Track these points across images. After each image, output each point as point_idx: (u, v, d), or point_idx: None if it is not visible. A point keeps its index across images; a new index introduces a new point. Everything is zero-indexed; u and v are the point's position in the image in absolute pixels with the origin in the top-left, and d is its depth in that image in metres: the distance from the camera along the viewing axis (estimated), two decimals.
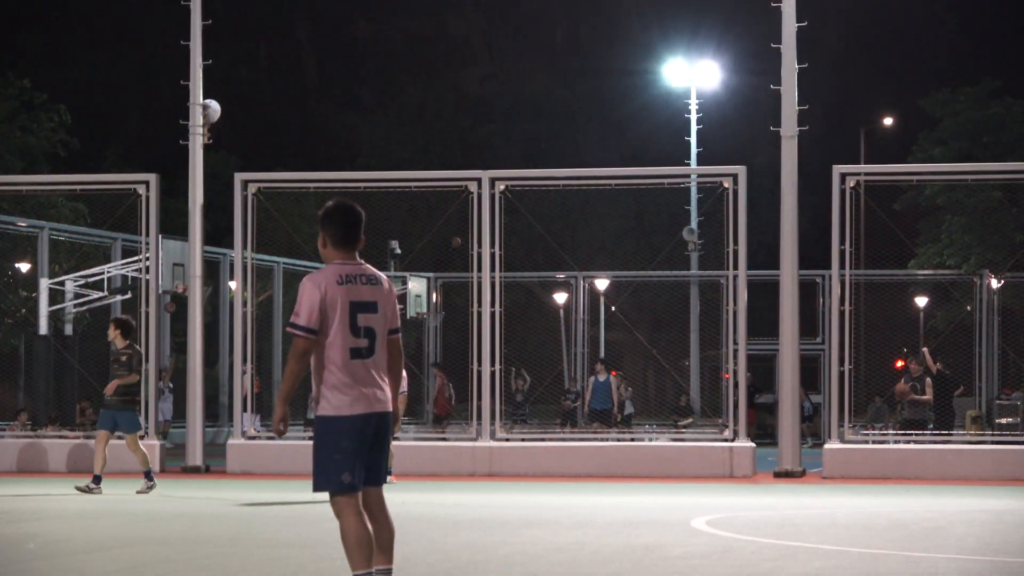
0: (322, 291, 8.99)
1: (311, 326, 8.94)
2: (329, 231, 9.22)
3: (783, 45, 25.83)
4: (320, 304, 8.96)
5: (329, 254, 9.22)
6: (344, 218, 9.24)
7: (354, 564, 8.94)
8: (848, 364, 25.48)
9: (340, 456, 8.94)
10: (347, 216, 9.25)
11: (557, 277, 42.72)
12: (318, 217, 9.32)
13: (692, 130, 50.14)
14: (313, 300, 8.97)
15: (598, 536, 14.56)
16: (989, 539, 14.58)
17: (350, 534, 8.96)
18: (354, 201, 9.42)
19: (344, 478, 8.94)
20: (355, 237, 9.23)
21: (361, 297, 9.09)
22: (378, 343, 9.11)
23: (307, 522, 16.36)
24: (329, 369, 8.98)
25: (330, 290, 9.01)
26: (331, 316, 8.98)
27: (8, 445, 27.44)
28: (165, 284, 27.63)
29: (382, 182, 32.29)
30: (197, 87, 27.43)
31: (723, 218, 25.97)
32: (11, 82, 43.46)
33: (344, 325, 9.00)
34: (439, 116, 74.06)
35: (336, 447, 8.95)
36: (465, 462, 25.58)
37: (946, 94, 48.16)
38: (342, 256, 9.18)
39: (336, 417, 8.96)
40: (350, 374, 8.99)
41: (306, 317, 8.95)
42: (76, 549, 13.65)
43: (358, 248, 9.24)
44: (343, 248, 9.19)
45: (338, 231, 9.22)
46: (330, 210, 9.28)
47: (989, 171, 35.65)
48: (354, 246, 9.22)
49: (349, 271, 9.13)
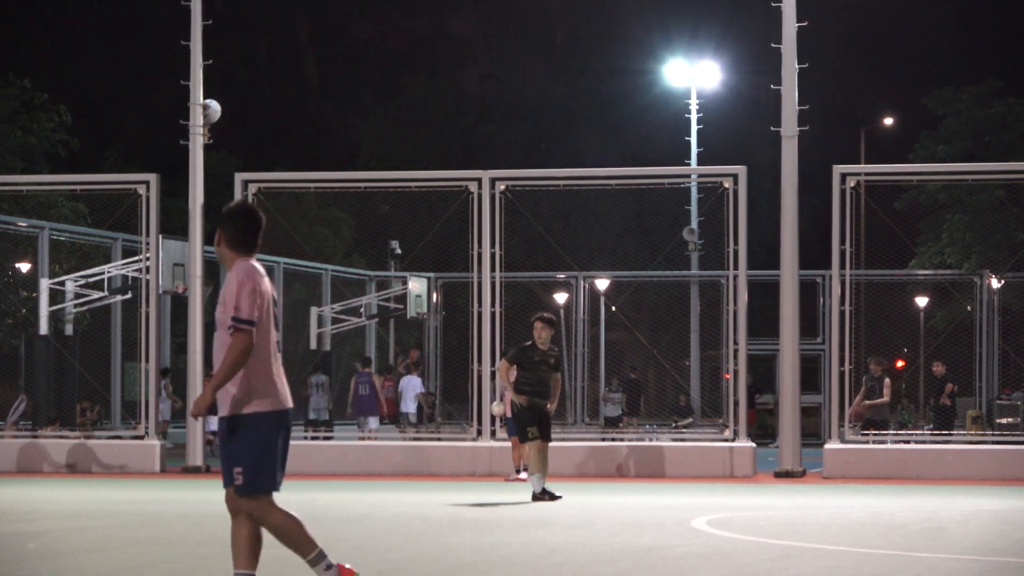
0: (255, 284, 8.98)
1: (254, 318, 8.92)
2: (230, 232, 9.12)
3: (783, 45, 25.83)
4: (257, 296, 8.95)
5: (226, 254, 9.13)
6: (246, 220, 9.16)
7: (305, 550, 9.00)
8: (848, 364, 25.48)
9: (275, 454, 8.95)
10: (249, 218, 9.17)
11: (557, 277, 42.71)
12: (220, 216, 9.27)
13: (692, 130, 50.14)
14: (252, 293, 8.94)
15: (598, 536, 14.55)
16: (989, 539, 14.57)
17: (288, 527, 9.01)
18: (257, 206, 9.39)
19: (278, 476, 8.98)
20: (257, 240, 9.17)
21: (273, 294, 9.16)
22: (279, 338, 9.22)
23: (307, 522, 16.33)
24: (260, 363, 8.95)
25: (261, 284, 9.02)
26: (263, 309, 8.99)
27: (8, 445, 27.43)
28: (165, 284, 27.63)
29: (382, 182, 32.28)
30: (197, 87, 27.43)
31: (723, 218, 25.97)
32: (11, 82, 43.44)
33: (270, 320, 9.04)
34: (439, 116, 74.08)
35: (272, 444, 8.94)
36: (465, 462, 25.58)
37: (949, 92, 48.18)
38: (242, 256, 9.11)
39: (270, 413, 8.93)
40: (276, 369, 9.03)
41: (248, 310, 8.90)
42: (76, 549, 13.65)
43: (257, 250, 9.18)
44: (244, 249, 9.12)
45: (238, 233, 9.13)
46: (233, 211, 9.19)
47: (990, 171, 35.63)
48: (254, 248, 9.16)
49: (261, 269, 9.14)
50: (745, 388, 26.25)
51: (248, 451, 8.90)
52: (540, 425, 19.37)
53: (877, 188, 26.72)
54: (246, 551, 9.13)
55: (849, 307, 25.59)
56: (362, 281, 41.50)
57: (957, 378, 35.34)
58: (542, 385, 19.41)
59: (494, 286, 26.15)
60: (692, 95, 51.03)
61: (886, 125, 66.59)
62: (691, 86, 51.53)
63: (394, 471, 25.74)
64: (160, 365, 30.08)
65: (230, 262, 9.09)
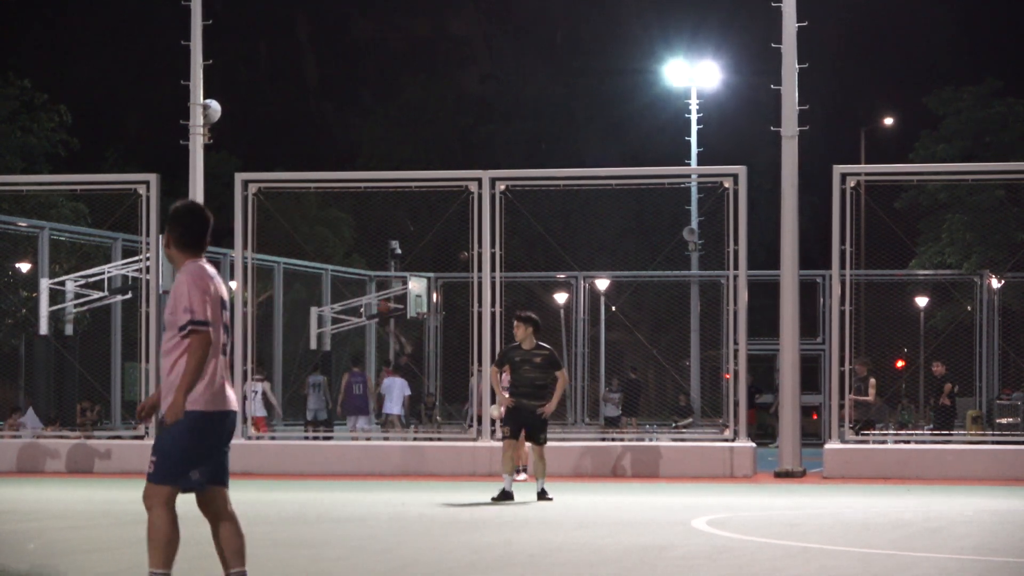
0: (204, 285, 8.99)
1: (208, 319, 8.93)
2: (179, 232, 9.12)
3: (783, 45, 25.83)
4: (207, 297, 8.96)
5: (175, 255, 9.13)
6: (195, 220, 9.16)
7: (157, 561, 8.94)
8: (848, 364, 25.48)
9: (198, 452, 8.95)
10: (198, 218, 9.17)
11: (557, 277, 42.71)
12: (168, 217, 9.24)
13: (692, 130, 50.15)
14: (205, 294, 8.95)
15: (598, 536, 14.55)
16: (989, 539, 14.58)
17: (163, 530, 8.96)
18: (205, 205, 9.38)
19: (193, 474, 8.96)
20: (205, 240, 9.17)
21: (223, 295, 9.15)
22: (230, 340, 9.23)
23: (307, 522, 16.35)
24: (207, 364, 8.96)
25: (212, 285, 9.02)
26: (214, 311, 9.00)
27: (8, 445, 27.43)
28: (165, 284, 27.62)
29: (382, 182, 32.27)
30: (197, 87, 27.43)
31: (723, 218, 25.96)
32: (11, 82, 43.44)
33: (219, 321, 9.05)
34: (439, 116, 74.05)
35: (199, 443, 8.94)
36: (465, 462, 25.58)
37: (949, 92, 48.20)
38: (191, 257, 9.11)
39: (203, 413, 8.93)
40: (221, 370, 9.04)
41: (202, 311, 8.92)
42: (76, 549, 13.64)
43: (205, 250, 9.19)
44: (192, 250, 9.12)
45: (190, 232, 9.12)
46: (180, 211, 9.17)
47: (990, 171, 35.63)
48: (203, 249, 9.16)
49: (211, 268, 9.15)
50: (745, 388, 26.27)
51: (169, 443, 8.92)
52: (517, 425, 19.30)
53: (877, 188, 26.72)
54: (231, 550, 9.13)
55: (849, 307, 25.59)
56: (362, 281, 41.50)
57: (957, 378, 35.34)
58: (528, 386, 19.19)
59: (494, 286, 26.15)
60: (692, 95, 51.03)
61: (886, 125, 66.58)
62: (691, 86, 51.54)
63: (394, 471, 25.74)
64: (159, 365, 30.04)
65: (179, 263, 9.10)
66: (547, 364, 19.26)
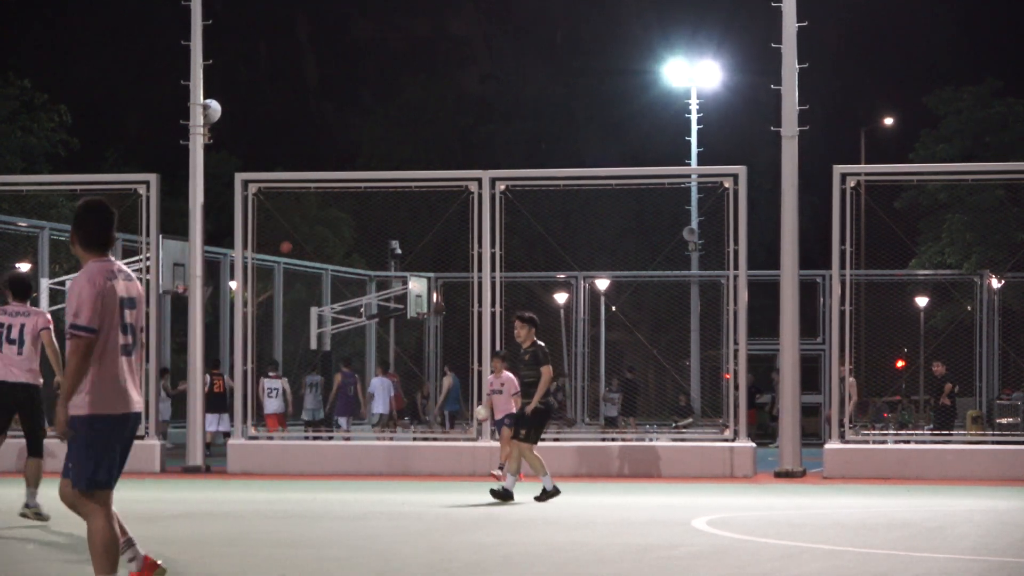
0: (98, 288, 8.99)
1: (93, 325, 8.93)
2: (84, 231, 9.14)
3: (783, 45, 25.83)
4: (97, 301, 8.95)
5: (81, 253, 9.16)
6: (100, 219, 9.18)
7: (102, 568, 8.99)
8: (848, 364, 25.48)
9: (103, 454, 9.00)
10: (103, 217, 9.19)
11: (557, 277, 42.71)
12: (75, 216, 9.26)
13: (692, 130, 50.15)
14: (93, 298, 8.95)
15: (598, 536, 14.56)
16: (989, 539, 14.58)
17: (100, 535, 9.04)
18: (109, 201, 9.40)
19: (101, 475, 9.02)
20: (110, 237, 9.19)
21: (127, 293, 9.15)
22: (137, 340, 9.21)
23: (307, 522, 16.35)
24: (101, 366, 8.96)
25: (105, 286, 9.02)
26: (106, 313, 8.99)
27: (8, 445, 27.33)
28: (165, 284, 27.62)
29: (382, 182, 32.27)
30: (197, 87, 27.42)
31: (723, 218, 25.96)
32: (11, 82, 43.44)
33: (115, 322, 9.04)
34: (439, 116, 74.05)
35: (103, 445, 8.98)
36: (465, 462, 25.58)
37: (949, 92, 48.22)
38: (95, 256, 9.13)
39: (101, 416, 8.96)
40: (119, 372, 9.03)
41: (87, 316, 8.92)
42: (76, 549, 13.64)
43: (111, 248, 9.20)
44: (97, 248, 9.15)
45: (93, 231, 9.14)
46: (85, 210, 9.20)
47: (990, 171, 35.62)
48: (109, 246, 9.18)
49: (113, 268, 9.15)
50: (745, 388, 26.27)
51: (79, 449, 8.98)
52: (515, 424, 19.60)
53: (877, 188, 26.72)
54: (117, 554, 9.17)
55: (849, 307, 25.59)
56: (362, 281, 41.50)
57: (957, 378, 35.35)
58: (523, 383, 19.67)
59: (494, 286, 26.15)
60: (692, 95, 51.03)
61: (886, 125, 66.59)
62: (691, 86, 51.54)
63: (394, 471, 25.74)
64: (160, 365, 30.05)
65: (84, 261, 9.14)
66: (534, 361, 19.38)
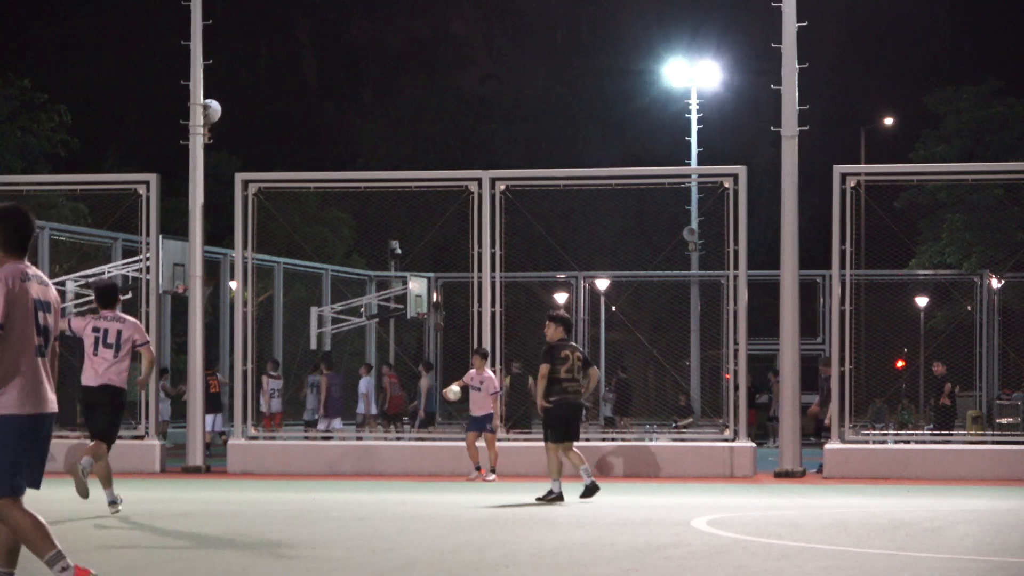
0: (10, 286, 9.02)
1: (2, 322, 8.96)
2: (2, 236, 9.18)
3: (783, 45, 25.83)
4: (8, 299, 8.98)
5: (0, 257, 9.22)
6: (20, 222, 9.23)
7: (42, 550, 9.15)
8: (848, 364, 25.48)
9: (17, 457, 9.01)
10: (23, 221, 9.25)
11: (557, 277, 42.72)
12: None
13: (692, 130, 50.17)
14: (4, 296, 8.99)
15: (598, 536, 14.55)
16: (989, 539, 14.57)
17: (26, 527, 9.13)
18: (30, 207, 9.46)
19: (16, 481, 9.06)
20: (27, 243, 9.23)
21: (42, 296, 9.18)
22: (51, 343, 9.23)
23: (307, 522, 16.35)
24: (12, 367, 8.98)
25: (18, 286, 9.05)
26: (18, 312, 9.02)
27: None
28: (165, 284, 27.62)
29: (382, 182, 32.26)
30: (197, 87, 27.43)
31: (723, 218, 25.96)
32: (11, 82, 43.47)
33: (29, 322, 9.07)
34: (439, 116, 74.08)
35: (15, 448, 9.00)
36: (465, 462, 25.58)
37: (949, 92, 48.24)
38: (14, 259, 9.18)
39: (17, 416, 8.98)
40: (31, 372, 9.05)
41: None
42: (76, 549, 13.63)
43: (26, 253, 9.26)
44: (16, 252, 9.20)
45: (13, 235, 9.18)
46: (5, 215, 9.23)
47: (990, 171, 35.60)
48: (26, 250, 9.24)
49: (28, 271, 9.19)
50: (745, 388, 26.27)
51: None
52: None
53: (877, 188, 26.70)
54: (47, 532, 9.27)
55: (849, 307, 25.59)
56: (362, 281, 41.50)
57: (957, 378, 35.35)
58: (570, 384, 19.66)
59: (494, 286, 26.15)
60: (692, 95, 51.06)
61: (886, 125, 66.62)
62: (691, 86, 51.57)
63: (394, 471, 25.75)
64: (160, 365, 30.05)
65: (1, 264, 9.18)
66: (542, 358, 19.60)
